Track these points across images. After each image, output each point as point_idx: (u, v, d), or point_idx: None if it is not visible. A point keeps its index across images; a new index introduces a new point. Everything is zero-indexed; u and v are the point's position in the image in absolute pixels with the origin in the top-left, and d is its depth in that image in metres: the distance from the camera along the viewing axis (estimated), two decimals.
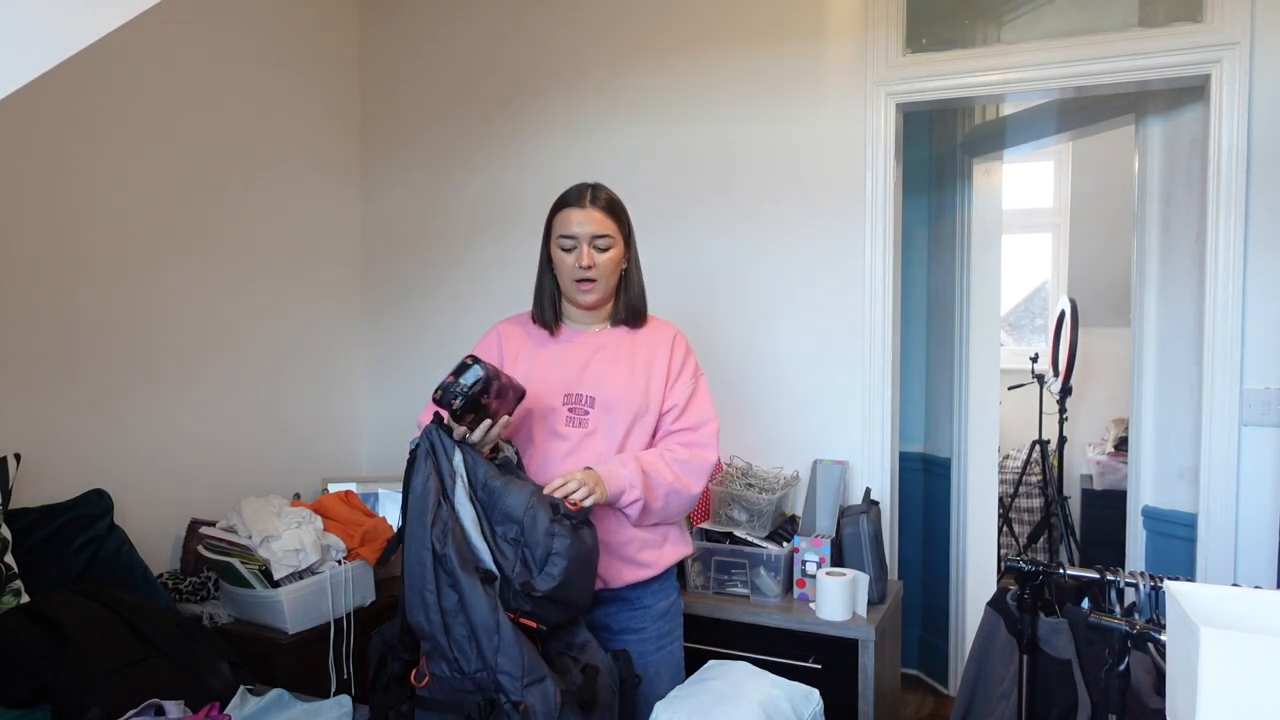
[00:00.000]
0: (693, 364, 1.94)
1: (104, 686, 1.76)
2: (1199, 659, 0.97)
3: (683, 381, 1.89)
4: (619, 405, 1.83)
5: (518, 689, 1.48)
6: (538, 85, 3.09)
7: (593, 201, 1.82)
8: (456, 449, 1.62)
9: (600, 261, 1.81)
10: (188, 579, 2.48)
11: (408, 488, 1.60)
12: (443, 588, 1.54)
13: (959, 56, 2.60)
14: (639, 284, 1.93)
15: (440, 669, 1.56)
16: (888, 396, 2.70)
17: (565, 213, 1.83)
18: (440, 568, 1.54)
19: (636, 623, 1.85)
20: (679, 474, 1.82)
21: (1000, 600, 1.95)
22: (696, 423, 1.88)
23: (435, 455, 1.61)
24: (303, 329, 3.15)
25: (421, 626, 1.56)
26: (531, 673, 1.50)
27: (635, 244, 1.92)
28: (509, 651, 1.49)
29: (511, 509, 1.58)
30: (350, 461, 3.37)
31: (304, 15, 3.13)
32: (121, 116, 2.52)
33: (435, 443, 1.62)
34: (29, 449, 2.25)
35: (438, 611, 1.53)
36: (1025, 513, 5.06)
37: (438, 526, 1.54)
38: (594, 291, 1.84)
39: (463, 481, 1.60)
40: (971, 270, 3.36)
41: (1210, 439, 2.40)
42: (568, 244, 1.82)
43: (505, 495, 1.59)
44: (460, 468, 1.61)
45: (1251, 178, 2.34)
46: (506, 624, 1.51)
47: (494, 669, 1.49)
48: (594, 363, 1.86)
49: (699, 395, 1.91)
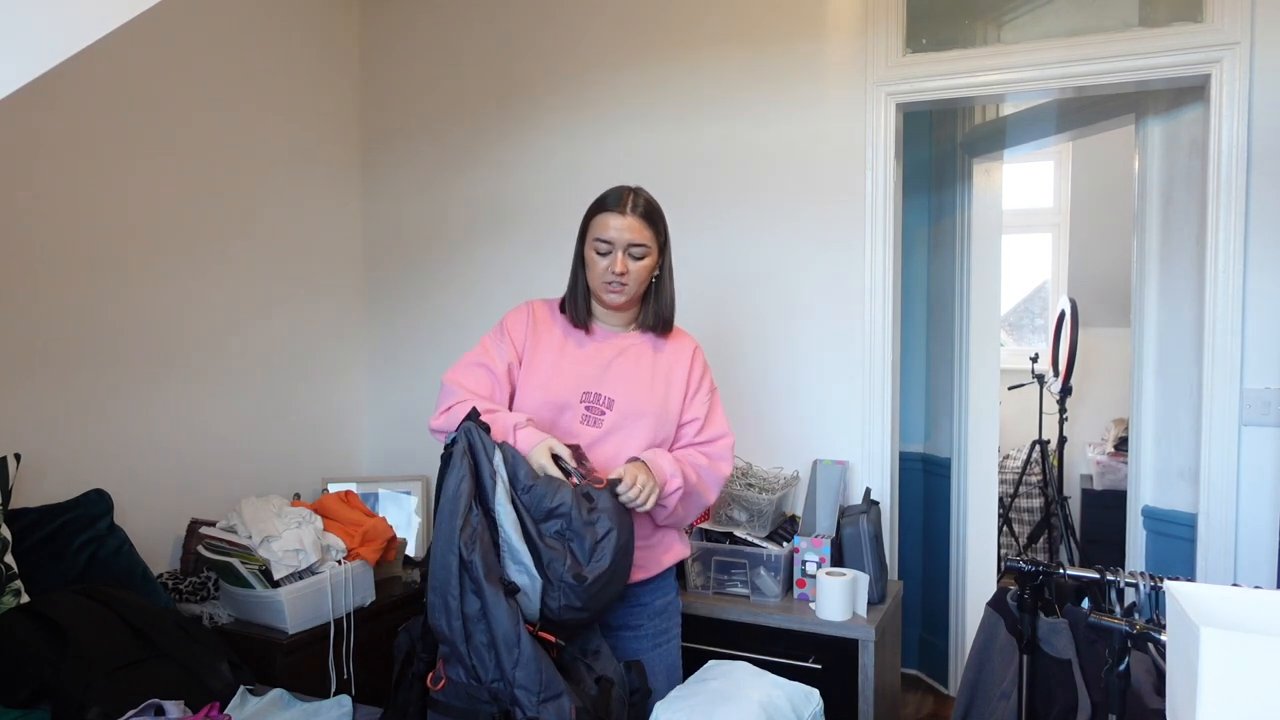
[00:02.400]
0: (709, 378, 1.95)
1: (104, 686, 1.76)
2: (1199, 659, 0.97)
3: (701, 395, 1.91)
4: (637, 410, 1.82)
5: (534, 704, 1.48)
6: (537, 86, 3.09)
7: (633, 209, 1.80)
8: (497, 448, 1.60)
9: (633, 269, 1.80)
10: (188, 579, 2.48)
11: (441, 486, 1.58)
12: (466, 593, 1.53)
13: (959, 56, 2.60)
14: (670, 292, 1.91)
15: (457, 674, 1.56)
16: (888, 396, 2.70)
17: (603, 217, 1.80)
18: (466, 574, 1.52)
19: (633, 619, 1.85)
20: (701, 478, 1.85)
21: (1000, 600, 1.95)
22: (714, 436, 1.91)
23: (474, 454, 1.58)
24: (303, 329, 3.15)
25: (442, 630, 1.55)
26: (548, 689, 1.49)
27: (670, 252, 1.90)
28: (527, 666, 1.49)
29: (556, 506, 1.58)
30: (350, 461, 3.37)
31: (304, 16, 3.13)
32: (122, 118, 2.52)
33: (474, 441, 1.59)
34: (29, 449, 2.25)
35: (459, 617, 1.52)
36: (1025, 513, 5.06)
37: (467, 531, 1.53)
38: (622, 295, 1.82)
39: (503, 483, 1.58)
40: (971, 270, 3.36)
41: (1210, 439, 2.40)
42: (602, 248, 1.80)
43: (548, 494, 1.59)
44: (501, 468, 1.59)
45: (1251, 178, 2.34)
46: (527, 638, 1.50)
47: (511, 682, 1.49)
48: (617, 364, 1.85)
49: (715, 410, 1.93)
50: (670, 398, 1.86)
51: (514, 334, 1.87)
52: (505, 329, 1.88)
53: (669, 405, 1.86)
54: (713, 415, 1.92)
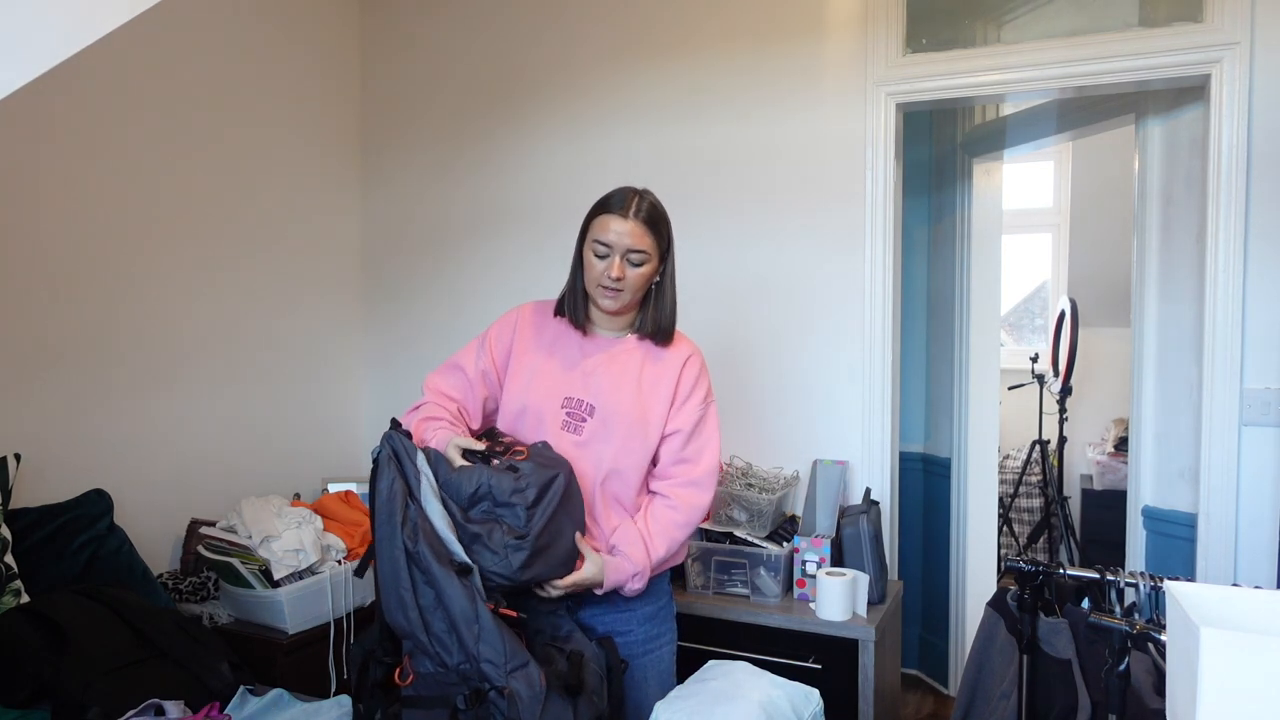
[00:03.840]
0: (703, 390, 1.83)
1: (104, 686, 1.76)
2: (1199, 659, 0.97)
3: (690, 407, 1.80)
4: (617, 420, 1.76)
5: (502, 676, 1.49)
6: (537, 86, 3.09)
7: (635, 213, 1.72)
8: (419, 451, 1.63)
9: (630, 275, 1.74)
10: (188, 579, 2.49)
11: (373, 493, 1.61)
12: (418, 585, 1.55)
13: (959, 56, 2.60)
14: (671, 300, 1.82)
15: (424, 666, 1.57)
16: (888, 396, 2.70)
17: (604, 218, 1.73)
18: (414, 565, 1.55)
19: (622, 625, 1.81)
20: (673, 536, 1.78)
21: (1000, 600, 1.95)
22: (696, 455, 1.80)
23: (399, 459, 1.61)
24: (303, 329, 3.15)
25: (401, 626, 1.57)
26: (514, 659, 1.50)
27: (673, 258, 1.82)
28: (490, 640, 1.50)
29: (475, 489, 1.60)
30: (350, 461, 3.37)
31: (305, 18, 3.13)
32: (121, 116, 2.52)
33: (397, 448, 1.62)
34: (29, 449, 2.25)
35: (415, 609, 1.54)
36: (1025, 513, 5.06)
37: (408, 526, 1.55)
38: (616, 300, 1.76)
39: (428, 480, 1.61)
40: (971, 270, 3.36)
41: (1210, 439, 2.40)
42: (600, 250, 1.73)
43: (465, 481, 1.61)
44: (424, 467, 1.61)
45: (1251, 178, 2.34)
46: (485, 613, 1.51)
47: (476, 659, 1.50)
48: (603, 370, 1.79)
49: (705, 425, 1.82)
50: (653, 408, 1.78)
51: (496, 342, 1.86)
52: (488, 336, 1.87)
53: (651, 415, 1.77)
54: (700, 431, 1.80)
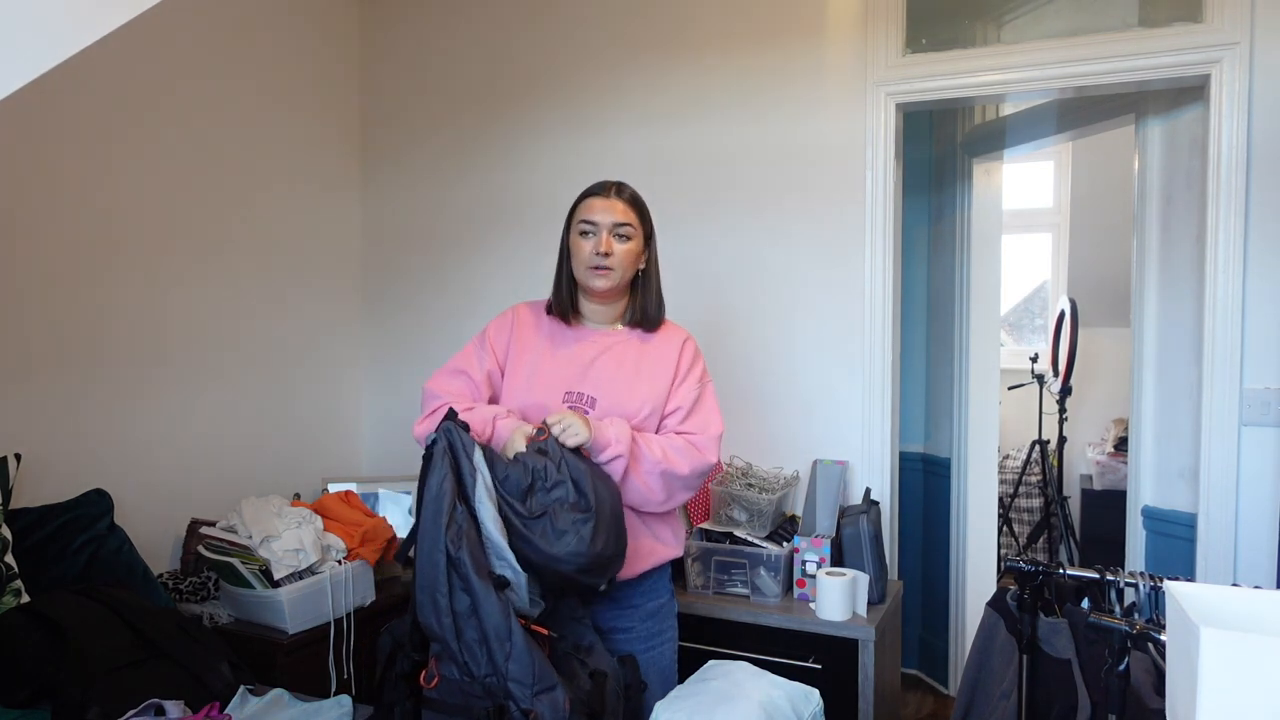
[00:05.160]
0: (700, 369, 1.90)
1: (104, 686, 1.76)
2: (1199, 659, 0.97)
3: (688, 385, 1.86)
4: (620, 409, 1.80)
5: (528, 697, 1.48)
6: (537, 87, 3.09)
7: (618, 194, 1.83)
8: (476, 446, 1.61)
9: (618, 251, 1.80)
10: (188, 579, 2.48)
11: (423, 486, 1.59)
12: (455, 591, 1.53)
13: (959, 57, 2.60)
14: (657, 288, 1.90)
15: (450, 671, 1.56)
16: (888, 396, 2.70)
17: (589, 201, 1.83)
18: (454, 571, 1.53)
19: (624, 621, 1.83)
20: (668, 453, 1.77)
21: (1000, 600, 1.95)
22: (699, 428, 1.85)
23: (454, 453, 1.59)
24: (303, 329, 3.15)
25: (432, 628, 1.56)
26: (542, 681, 1.49)
27: (655, 247, 1.91)
28: (520, 659, 1.49)
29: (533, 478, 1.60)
30: (350, 461, 3.37)
31: (304, 15, 3.13)
32: (122, 117, 2.51)
33: (454, 441, 1.60)
34: (29, 449, 2.25)
35: (449, 614, 1.53)
36: (1025, 513, 5.06)
37: (452, 529, 1.53)
38: (608, 279, 1.80)
39: (484, 479, 1.59)
40: (971, 270, 3.36)
41: (1210, 439, 2.40)
42: (587, 229, 1.80)
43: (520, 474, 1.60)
44: (481, 465, 1.59)
45: (1251, 178, 2.34)
46: (519, 631, 1.51)
47: (504, 675, 1.49)
48: (600, 362, 1.83)
49: (704, 400, 1.88)
50: (655, 395, 1.83)
51: (495, 341, 1.88)
52: (487, 336, 1.89)
53: (654, 403, 1.83)
54: (699, 406, 1.86)
